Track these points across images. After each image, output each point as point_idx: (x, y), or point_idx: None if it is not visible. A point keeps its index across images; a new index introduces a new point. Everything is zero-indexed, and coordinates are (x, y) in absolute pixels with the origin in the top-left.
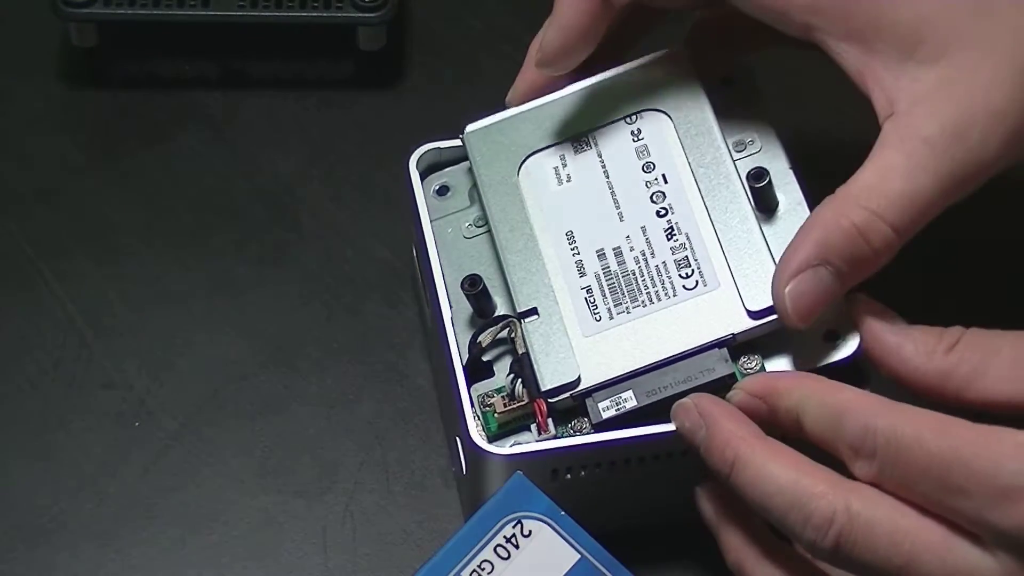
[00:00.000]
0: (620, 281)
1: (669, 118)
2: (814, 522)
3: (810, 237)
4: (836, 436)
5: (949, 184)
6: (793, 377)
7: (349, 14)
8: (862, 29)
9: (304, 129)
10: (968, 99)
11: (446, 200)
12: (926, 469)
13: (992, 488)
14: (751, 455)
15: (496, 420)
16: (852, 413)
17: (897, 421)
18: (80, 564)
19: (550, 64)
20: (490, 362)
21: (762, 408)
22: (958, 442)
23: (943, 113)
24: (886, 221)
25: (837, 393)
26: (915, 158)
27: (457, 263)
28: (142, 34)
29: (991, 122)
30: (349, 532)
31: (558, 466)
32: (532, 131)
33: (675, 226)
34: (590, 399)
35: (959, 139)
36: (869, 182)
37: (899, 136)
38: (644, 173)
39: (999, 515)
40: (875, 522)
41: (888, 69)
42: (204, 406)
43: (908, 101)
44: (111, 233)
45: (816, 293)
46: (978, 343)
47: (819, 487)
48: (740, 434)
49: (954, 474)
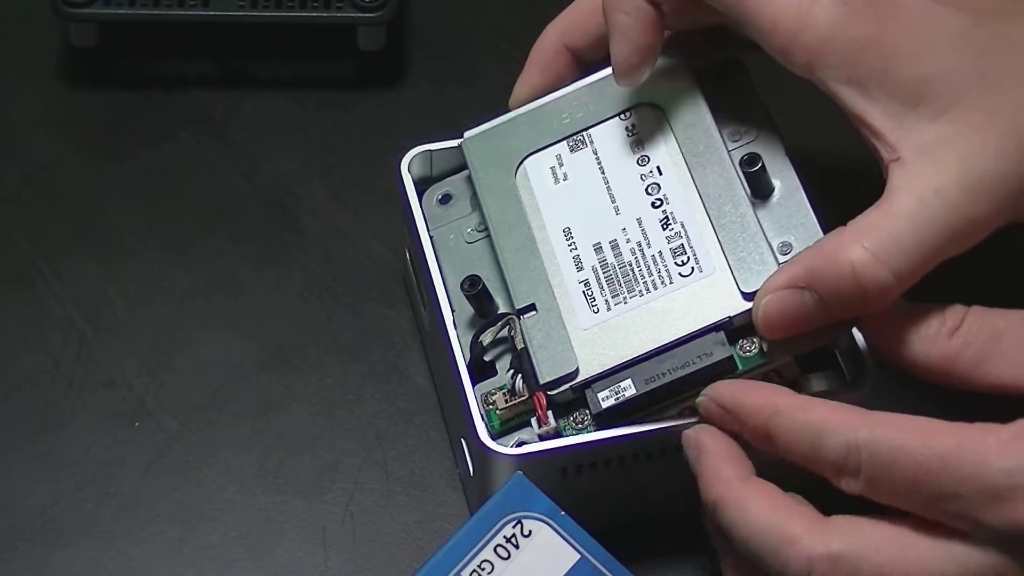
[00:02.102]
0: (617, 273)
1: (663, 111)
2: (791, 570)
3: (806, 260)
4: (816, 455)
5: (953, 238)
6: (762, 392)
7: (349, 14)
8: (865, 78)
9: (304, 129)
10: (978, 160)
11: (449, 208)
12: (914, 479)
13: (982, 489)
14: (731, 497)
15: (499, 417)
16: (830, 431)
17: (878, 433)
18: (80, 564)
19: (630, 78)
20: (492, 361)
21: (730, 421)
22: (943, 448)
23: (951, 167)
24: (889, 267)
25: (810, 410)
26: (926, 207)
27: (459, 267)
28: (142, 34)
29: (999, 185)
30: (349, 532)
31: (568, 464)
32: (528, 133)
33: (670, 216)
34: (589, 390)
35: (970, 196)
36: (878, 222)
37: (910, 184)
38: (639, 166)
39: (991, 515)
40: (859, 559)
41: (889, 116)
42: (204, 406)
43: (913, 150)
44: (111, 233)
45: (792, 314)
46: (981, 325)
47: (795, 530)
48: (723, 475)
49: (943, 480)
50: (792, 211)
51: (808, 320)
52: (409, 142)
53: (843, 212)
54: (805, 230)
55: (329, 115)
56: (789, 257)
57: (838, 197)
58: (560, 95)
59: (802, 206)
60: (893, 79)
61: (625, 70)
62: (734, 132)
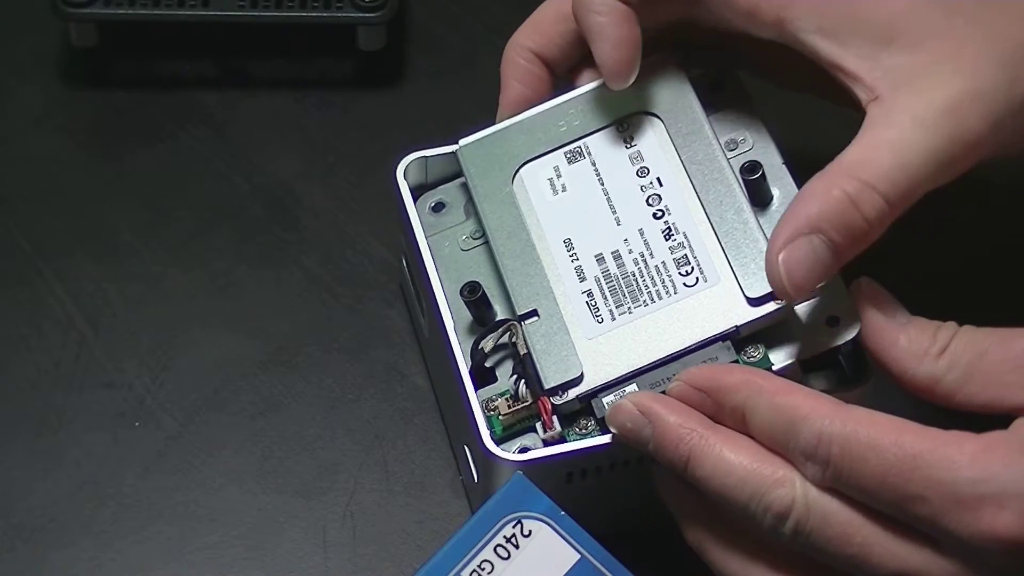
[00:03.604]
0: (620, 283)
1: (661, 120)
2: (774, 511)
3: (802, 207)
4: (787, 440)
5: (937, 161)
6: (741, 372)
7: (349, 14)
8: (835, 25)
9: (304, 129)
10: (953, 81)
11: (442, 216)
12: (882, 478)
13: (950, 496)
14: (705, 447)
15: (501, 423)
16: (805, 419)
17: (851, 428)
18: (80, 564)
19: (621, 77)
20: (492, 368)
21: (706, 402)
22: (915, 450)
23: (930, 93)
24: (878, 191)
25: (788, 395)
26: (905, 133)
27: (454, 274)
28: (142, 34)
29: (977, 104)
30: (349, 532)
31: (573, 469)
32: (524, 141)
33: (672, 226)
34: (595, 399)
35: (948, 116)
36: (860, 156)
37: (887, 115)
38: (639, 178)
39: (956, 523)
40: (831, 512)
41: (863, 58)
42: (204, 406)
43: (890, 86)
44: (111, 233)
45: (810, 262)
46: (967, 345)
47: (778, 472)
48: (689, 427)
49: (912, 483)
50: None
51: (823, 267)
52: (409, 142)
53: None
54: None
55: (329, 115)
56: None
57: None
58: (556, 103)
59: None
60: (863, 21)
61: (613, 68)
62: (731, 141)
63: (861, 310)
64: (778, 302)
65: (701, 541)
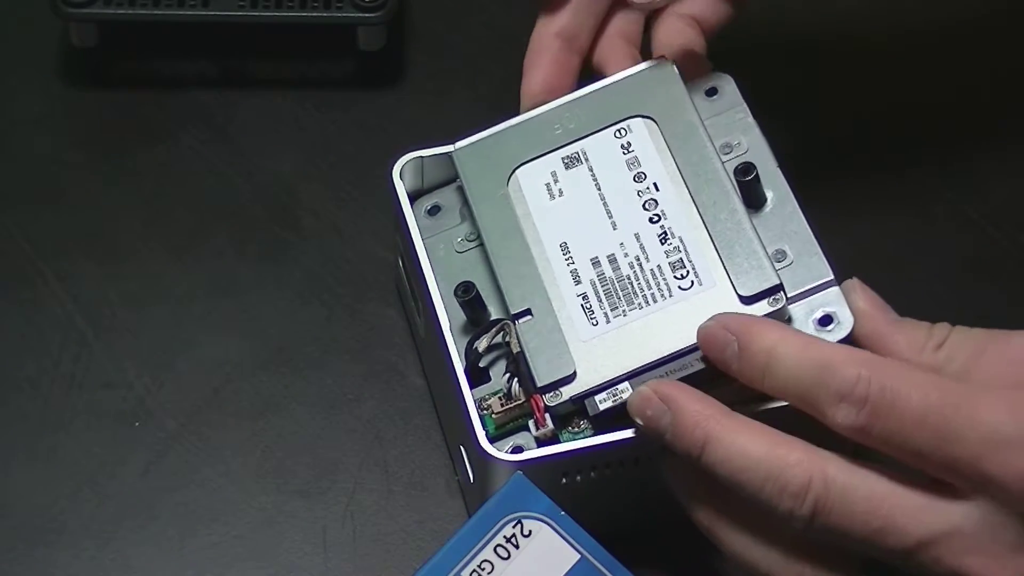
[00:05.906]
0: (615, 286)
1: (656, 123)
2: (791, 490)
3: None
4: (817, 384)
5: None
6: (770, 323)
7: (349, 14)
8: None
9: (304, 129)
10: None
11: (438, 219)
12: (923, 416)
13: (992, 437)
14: (722, 432)
15: (494, 421)
16: (843, 362)
17: (892, 369)
18: (80, 564)
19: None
20: (486, 368)
21: (732, 345)
22: (955, 397)
23: None
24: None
25: (818, 344)
26: None
27: (449, 276)
28: (142, 34)
29: None
30: (349, 532)
31: (568, 468)
32: (520, 143)
33: (668, 230)
34: (589, 399)
35: None
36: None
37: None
38: (635, 183)
39: (998, 464)
40: (851, 487)
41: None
42: (204, 406)
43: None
44: (111, 233)
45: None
46: (964, 342)
47: (794, 455)
48: (707, 412)
49: (953, 421)
50: (785, 220)
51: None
52: (409, 143)
53: (832, 220)
54: (799, 238)
55: (329, 115)
56: (783, 265)
57: (824, 204)
58: (552, 106)
59: (795, 215)
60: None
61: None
62: (725, 146)
63: (854, 308)
64: (771, 302)
65: (711, 521)
